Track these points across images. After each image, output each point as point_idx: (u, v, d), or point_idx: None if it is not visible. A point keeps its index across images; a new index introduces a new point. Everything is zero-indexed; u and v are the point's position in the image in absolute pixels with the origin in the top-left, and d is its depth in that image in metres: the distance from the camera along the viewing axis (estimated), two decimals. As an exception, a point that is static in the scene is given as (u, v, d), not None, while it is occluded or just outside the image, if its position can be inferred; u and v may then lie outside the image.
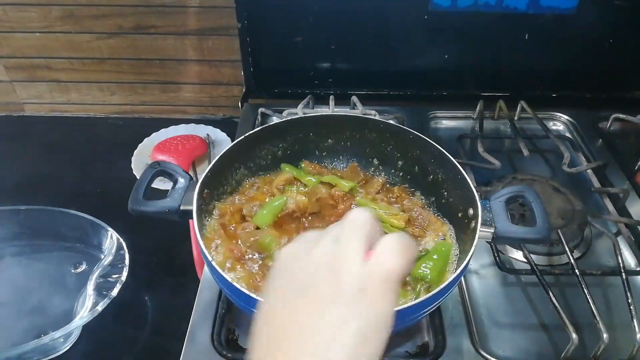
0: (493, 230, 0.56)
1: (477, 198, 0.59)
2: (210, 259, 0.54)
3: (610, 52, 1.00)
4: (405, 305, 0.47)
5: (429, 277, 0.57)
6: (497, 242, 0.59)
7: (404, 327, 0.54)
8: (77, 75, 1.11)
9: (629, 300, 0.64)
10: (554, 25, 0.96)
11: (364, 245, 0.34)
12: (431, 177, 0.71)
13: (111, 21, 1.02)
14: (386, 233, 0.36)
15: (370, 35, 0.99)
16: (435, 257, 0.60)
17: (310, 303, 0.33)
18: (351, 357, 0.31)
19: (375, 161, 0.77)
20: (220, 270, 0.53)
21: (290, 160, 0.76)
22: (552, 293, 0.65)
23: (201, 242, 0.55)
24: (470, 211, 0.60)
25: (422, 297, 0.48)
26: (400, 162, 0.75)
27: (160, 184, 0.87)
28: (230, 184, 0.71)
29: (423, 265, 0.58)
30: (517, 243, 0.73)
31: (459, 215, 0.64)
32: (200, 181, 0.61)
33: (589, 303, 0.64)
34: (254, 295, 0.50)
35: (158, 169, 0.63)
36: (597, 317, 0.62)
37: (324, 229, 0.38)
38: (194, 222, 0.57)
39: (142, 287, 0.79)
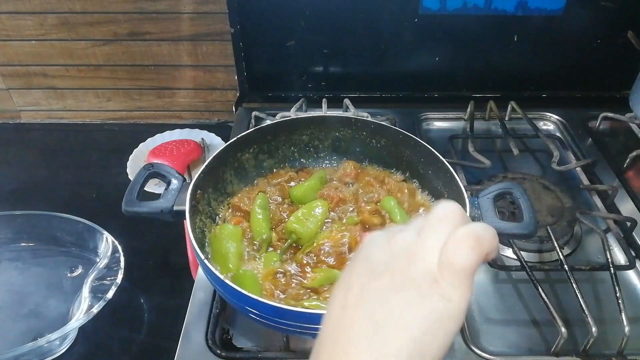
0: (481, 226, 0.57)
1: (465, 195, 0.60)
2: (202, 258, 0.54)
3: (598, 52, 1.01)
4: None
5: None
6: (485, 238, 0.59)
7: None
8: (73, 82, 1.12)
9: (618, 295, 0.65)
10: (542, 27, 0.98)
11: (446, 236, 0.34)
12: (421, 175, 0.72)
13: (106, 28, 1.03)
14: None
15: (362, 39, 1.01)
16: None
17: (382, 286, 0.34)
18: (416, 344, 0.31)
19: (366, 162, 0.78)
20: (213, 269, 0.54)
21: (283, 160, 0.78)
22: (542, 289, 0.66)
23: (194, 242, 0.56)
24: (459, 208, 0.61)
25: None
26: (390, 161, 0.76)
27: (155, 187, 0.89)
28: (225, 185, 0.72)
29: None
30: (505, 238, 0.74)
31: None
32: (193, 182, 0.62)
33: (578, 298, 0.65)
34: (247, 293, 0.51)
35: (152, 171, 0.64)
36: (586, 312, 0.63)
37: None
38: (187, 222, 0.58)
39: (137, 289, 0.79)
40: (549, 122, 1.04)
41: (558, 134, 1.01)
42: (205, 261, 0.55)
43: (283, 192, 0.73)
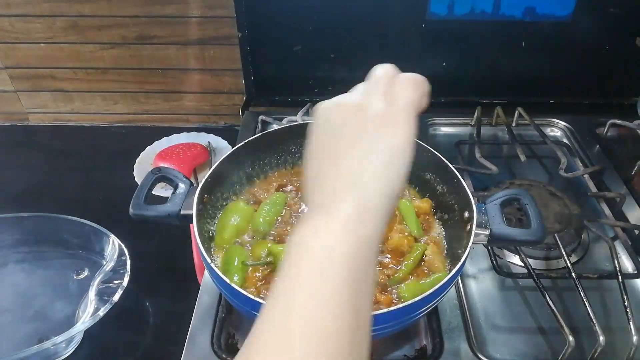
0: (488, 232, 0.57)
1: (472, 201, 0.59)
2: (209, 261, 0.54)
3: (606, 59, 1.01)
4: (401, 305, 0.48)
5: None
6: (492, 244, 0.59)
7: (400, 327, 0.54)
8: (81, 84, 1.13)
9: (625, 304, 0.65)
10: (550, 33, 0.98)
11: (386, 89, 0.40)
12: (428, 181, 0.71)
13: (114, 31, 1.04)
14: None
15: (369, 44, 1.01)
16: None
17: (343, 139, 0.39)
18: (382, 174, 0.37)
19: None
20: (220, 274, 0.54)
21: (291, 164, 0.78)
22: (549, 297, 0.66)
23: (201, 246, 0.56)
24: (466, 214, 0.61)
25: (418, 297, 0.49)
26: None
27: (162, 191, 0.89)
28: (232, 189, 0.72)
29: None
30: (512, 245, 0.74)
31: (456, 218, 0.65)
32: (200, 186, 0.62)
33: (585, 306, 0.64)
34: (253, 297, 0.51)
35: (159, 175, 0.64)
36: (594, 320, 0.62)
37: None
38: (194, 226, 0.58)
39: (143, 292, 0.79)
40: (556, 129, 1.04)
41: (565, 141, 1.00)
42: (212, 265, 0.55)
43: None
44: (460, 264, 0.53)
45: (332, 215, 0.35)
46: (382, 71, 0.42)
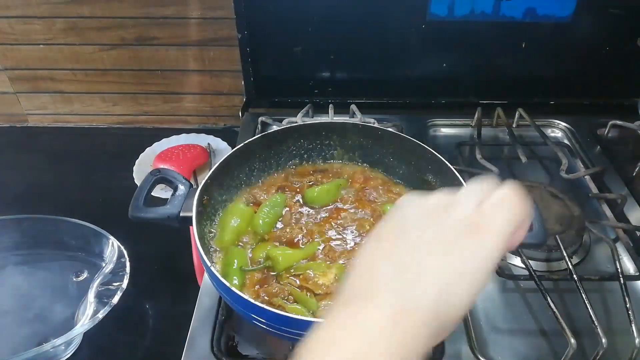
0: (489, 235, 0.57)
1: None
2: (209, 264, 0.54)
3: (606, 59, 1.01)
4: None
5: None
6: (493, 246, 0.59)
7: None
8: (80, 86, 1.13)
9: (627, 306, 0.64)
10: (550, 33, 0.98)
11: (480, 198, 0.36)
12: (428, 183, 0.71)
13: (114, 33, 1.04)
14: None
15: (369, 45, 1.01)
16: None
17: (413, 239, 0.35)
18: (442, 288, 0.32)
19: (367, 165, 0.78)
20: (219, 277, 0.54)
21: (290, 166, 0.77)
22: (551, 299, 0.65)
23: (200, 249, 0.56)
24: (467, 216, 0.60)
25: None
26: (398, 169, 0.76)
27: (162, 192, 0.88)
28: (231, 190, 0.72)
29: None
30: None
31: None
32: (200, 188, 0.62)
33: (587, 308, 0.64)
34: (253, 301, 0.51)
35: (158, 176, 0.64)
36: (596, 323, 0.62)
37: None
38: (194, 228, 0.58)
39: (142, 295, 0.79)
40: (557, 130, 1.04)
41: (566, 142, 1.00)
42: (212, 268, 0.54)
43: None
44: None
45: (369, 312, 0.32)
46: (482, 182, 0.37)
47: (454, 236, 0.34)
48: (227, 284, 0.53)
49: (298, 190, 0.74)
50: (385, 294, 0.32)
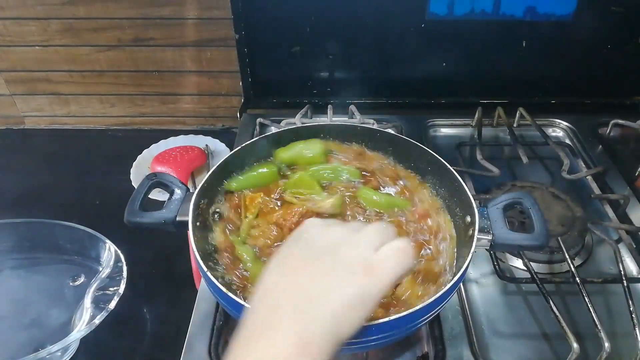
0: (491, 237, 0.56)
1: (474, 205, 0.58)
2: (205, 269, 0.53)
3: (608, 58, 1.00)
4: (403, 314, 0.47)
5: None
6: (495, 249, 0.58)
7: (403, 335, 0.53)
8: (77, 87, 1.12)
9: (631, 309, 0.64)
10: (551, 32, 0.97)
11: (379, 242, 0.41)
12: (429, 185, 0.70)
13: (110, 34, 1.03)
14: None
15: (368, 44, 1.00)
16: None
17: (315, 268, 0.39)
18: (337, 315, 0.37)
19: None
20: (215, 281, 0.53)
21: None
22: (553, 302, 0.64)
23: (197, 254, 0.55)
24: (468, 218, 0.59)
25: (420, 305, 0.48)
26: (398, 170, 0.75)
27: (160, 195, 0.88)
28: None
29: None
30: (515, 250, 0.73)
31: (457, 222, 0.64)
32: (196, 192, 0.61)
33: (590, 312, 0.63)
34: (248, 305, 0.50)
35: (155, 180, 0.63)
36: (599, 326, 0.61)
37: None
38: (190, 233, 0.57)
39: (140, 299, 0.78)
40: (559, 129, 1.03)
41: (568, 141, 0.99)
42: (208, 273, 0.53)
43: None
44: (462, 270, 0.52)
45: (272, 344, 0.35)
46: (387, 227, 0.43)
47: (351, 272, 0.39)
48: (224, 289, 0.52)
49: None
50: (287, 328, 0.36)
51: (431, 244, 0.61)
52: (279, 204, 0.66)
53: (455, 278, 0.52)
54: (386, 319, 0.47)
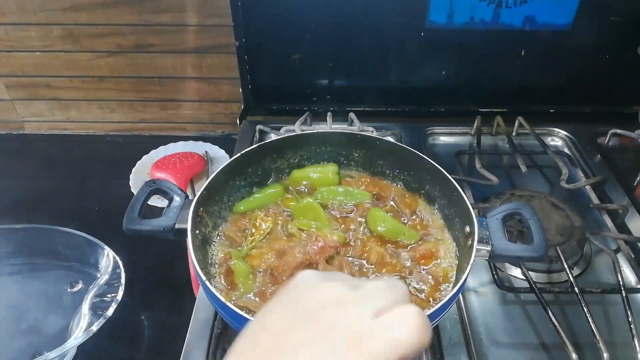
0: (490, 248, 0.56)
1: (474, 215, 0.58)
2: (203, 278, 0.53)
3: (607, 67, 1.00)
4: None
5: None
6: (494, 259, 0.58)
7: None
8: (77, 93, 1.12)
9: (630, 319, 0.64)
10: (550, 41, 0.97)
11: (382, 306, 0.33)
12: (428, 194, 0.70)
13: (111, 40, 1.03)
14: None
15: (368, 52, 1.00)
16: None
17: (299, 336, 0.32)
18: None
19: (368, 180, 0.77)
20: (214, 290, 0.53)
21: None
22: (552, 312, 0.65)
23: (195, 261, 0.55)
24: (467, 228, 0.60)
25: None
26: (397, 179, 0.75)
27: (159, 201, 0.88)
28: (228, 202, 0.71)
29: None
30: (514, 261, 0.73)
31: (456, 232, 0.64)
32: (195, 199, 0.61)
33: (588, 322, 0.63)
34: (246, 316, 0.50)
35: (154, 187, 0.63)
36: (597, 336, 0.61)
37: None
38: (189, 241, 0.57)
39: (138, 306, 0.78)
40: (557, 138, 1.03)
41: (566, 151, 0.99)
42: (207, 282, 0.53)
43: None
44: (462, 281, 0.52)
45: None
46: (392, 285, 0.35)
47: (336, 346, 0.31)
48: (222, 299, 0.52)
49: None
50: None
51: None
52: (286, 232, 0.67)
53: (455, 290, 0.52)
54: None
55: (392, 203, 0.70)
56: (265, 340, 0.33)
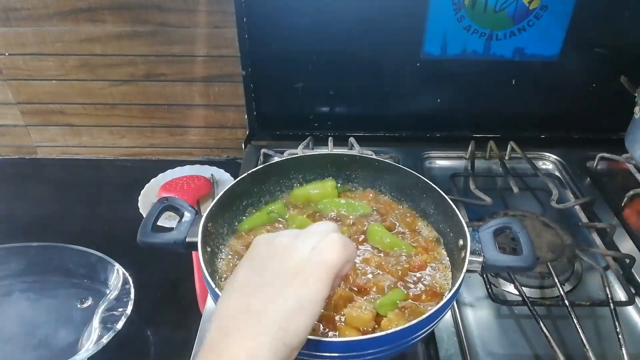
0: (482, 259, 0.59)
1: (466, 229, 0.62)
2: (213, 286, 0.56)
3: (593, 96, 1.05)
4: (397, 329, 0.50)
5: None
6: (486, 270, 0.61)
7: (397, 352, 0.55)
8: (90, 119, 1.17)
9: (618, 330, 0.66)
10: (539, 71, 1.03)
11: (316, 242, 0.43)
12: (424, 211, 0.74)
13: (123, 69, 1.09)
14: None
15: (367, 81, 1.06)
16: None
17: (258, 282, 0.43)
18: (281, 325, 0.39)
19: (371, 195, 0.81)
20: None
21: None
22: (544, 324, 0.67)
23: (205, 271, 0.58)
24: (461, 242, 0.63)
25: (413, 321, 0.51)
26: (396, 197, 0.78)
27: (166, 221, 0.91)
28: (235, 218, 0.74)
29: None
30: (505, 271, 0.76)
31: (450, 246, 0.67)
32: (205, 215, 0.64)
33: (579, 334, 0.66)
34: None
35: (166, 204, 0.67)
36: (588, 347, 0.64)
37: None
38: (199, 253, 0.60)
39: (145, 321, 0.80)
40: (548, 162, 1.07)
41: (557, 173, 1.04)
42: (217, 290, 0.56)
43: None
44: (455, 288, 0.55)
45: (230, 351, 0.38)
46: (323, 228, 0.46)
47: (290, 278, 0.41)
48: (231, 306, 0.55)
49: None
50: (237, 346, 0.39)
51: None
52: None
53: (449, 295, 0.55)
54: (382, 333, 0.50)
55: (392, 219, 0.74)
56: (233, 299, 0.43)
